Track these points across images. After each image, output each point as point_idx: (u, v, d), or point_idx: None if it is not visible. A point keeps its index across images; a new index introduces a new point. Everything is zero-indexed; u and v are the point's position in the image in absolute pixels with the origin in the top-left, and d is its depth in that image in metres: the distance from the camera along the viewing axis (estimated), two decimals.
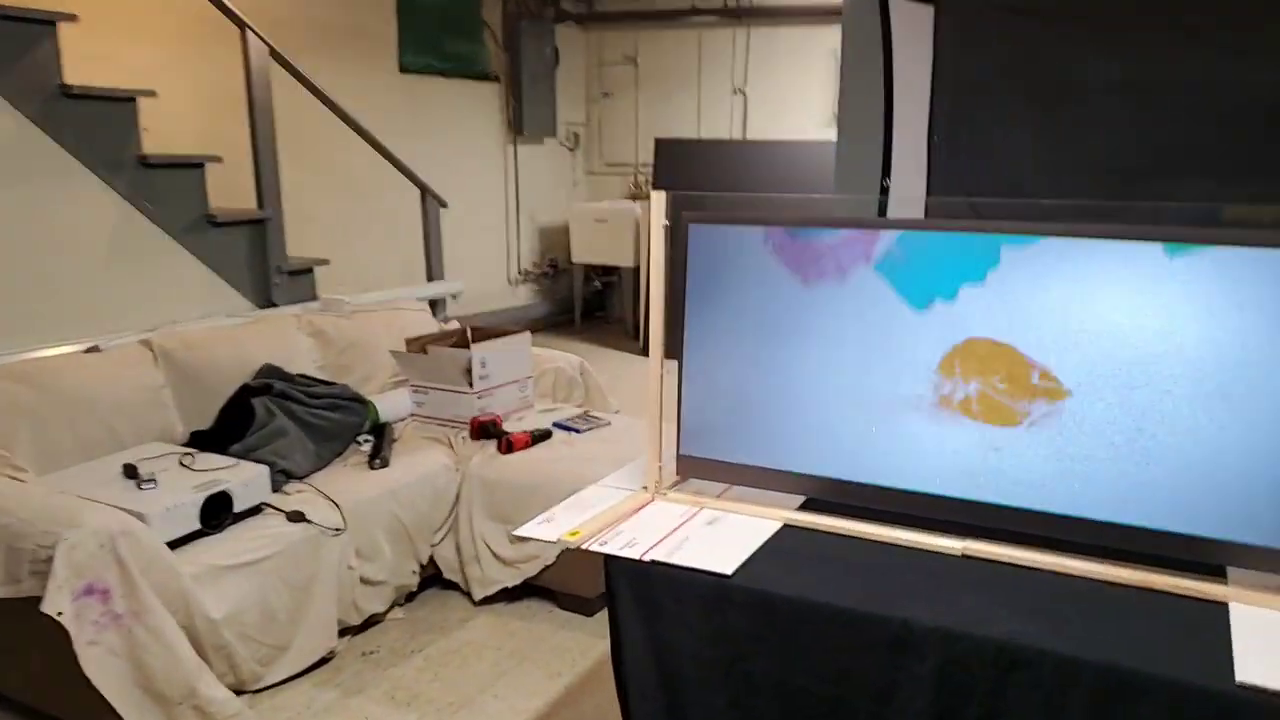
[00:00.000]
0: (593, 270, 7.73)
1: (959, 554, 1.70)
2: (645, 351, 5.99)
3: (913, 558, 1.70)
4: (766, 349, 1.86)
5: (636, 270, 7.11)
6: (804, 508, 1.88)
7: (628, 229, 7.04)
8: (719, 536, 1.76)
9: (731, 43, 7.12)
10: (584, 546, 1.73)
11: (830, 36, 6.57)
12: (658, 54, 7.52)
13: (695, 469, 1.96)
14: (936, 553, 1.71)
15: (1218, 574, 1.57)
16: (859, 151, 3.22)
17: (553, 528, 1.81)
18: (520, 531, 1.81)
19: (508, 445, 3.22)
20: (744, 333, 1.87)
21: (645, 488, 1.97)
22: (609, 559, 1.73)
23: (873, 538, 1.76)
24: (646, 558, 1.68)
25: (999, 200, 2.86)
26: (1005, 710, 1.42)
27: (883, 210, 3.13)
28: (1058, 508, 1.66)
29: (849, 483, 1.82)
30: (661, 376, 1.92)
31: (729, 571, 1.63)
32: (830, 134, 6.68)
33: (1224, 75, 2.64)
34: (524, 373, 3.64)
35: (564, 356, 4.10)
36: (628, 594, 1.70)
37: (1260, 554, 1.53)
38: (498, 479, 3.13)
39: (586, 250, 7.33)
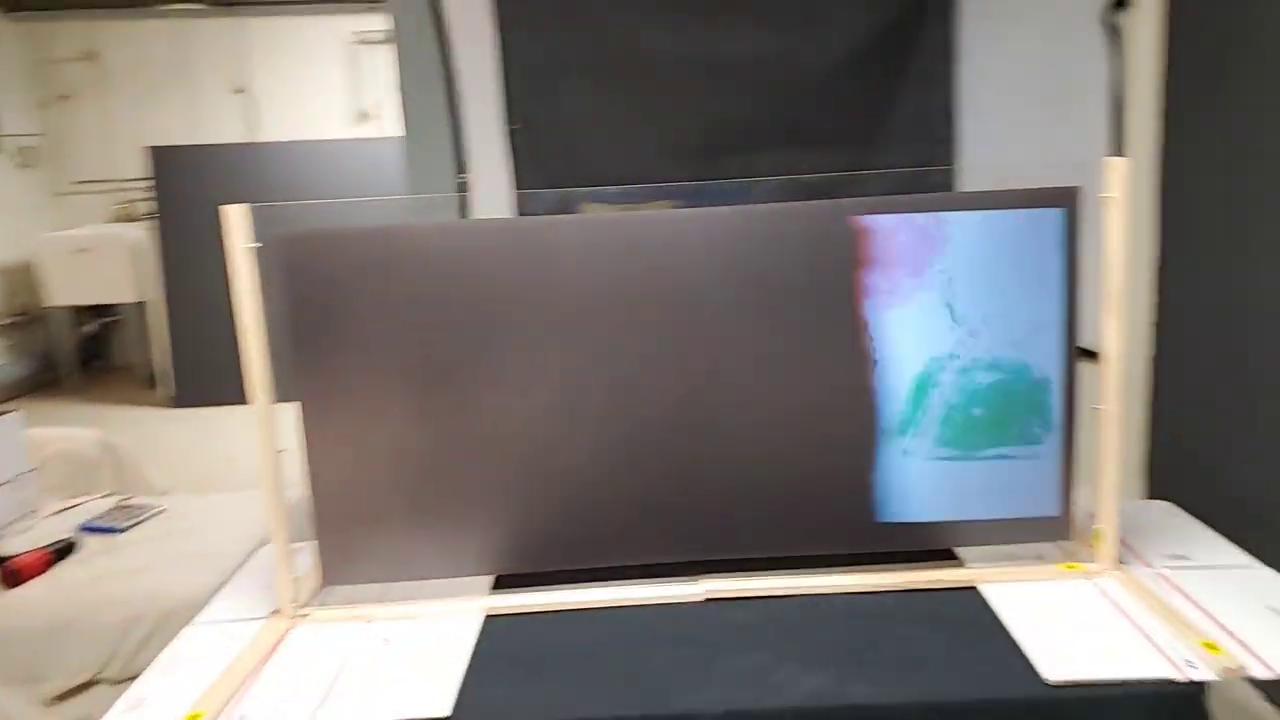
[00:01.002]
0: (83, 312, 6.30)
1: (701, 599, 1.42)
2: (174, 402, 4.90)
3: (655, 618, 1.38)
4: (422, 393, 1.40)
5: (143, 306, 5.90)
6: (500, 587, 1.47)
7: (121, 258, 5.80)
8: (408, 659, 1.28)
9: (226, 36, 6.18)
10: None
11: (344, 24, 6.00)
12: (128, 48, 6.29)
13: (344, 570, 1.44)
14: (672, 605, 1.41)
15: (949, 558, 1.48)
16: (429, 147, 2.83)
17: (149, 717, 1.18)
18: None
19: (13, 575, 2.29)
20: (391, 375, 1.39)
21: (278, 611, 1.40)
22: None
23: (601, 604, 1.41)
24: None
25: (598, 189, 2.66)
26: None
27: (465, 209, 2.79)
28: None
29: (552, 544, 1.45)
30: (275, 460, 1.37)
31: (447, 711, 1.17)
32: (361, 130, 6.15)
33: (782, 50, 2.70)
34: (18, 468, 2.66)
35: (75, 433, 3.12)
36: None
37: (976, 528, 1.46)
38: (9, 627, 2.21)
39: (68, 289, 5.91)
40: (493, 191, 2.79)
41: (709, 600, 1.42)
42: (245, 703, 1.20)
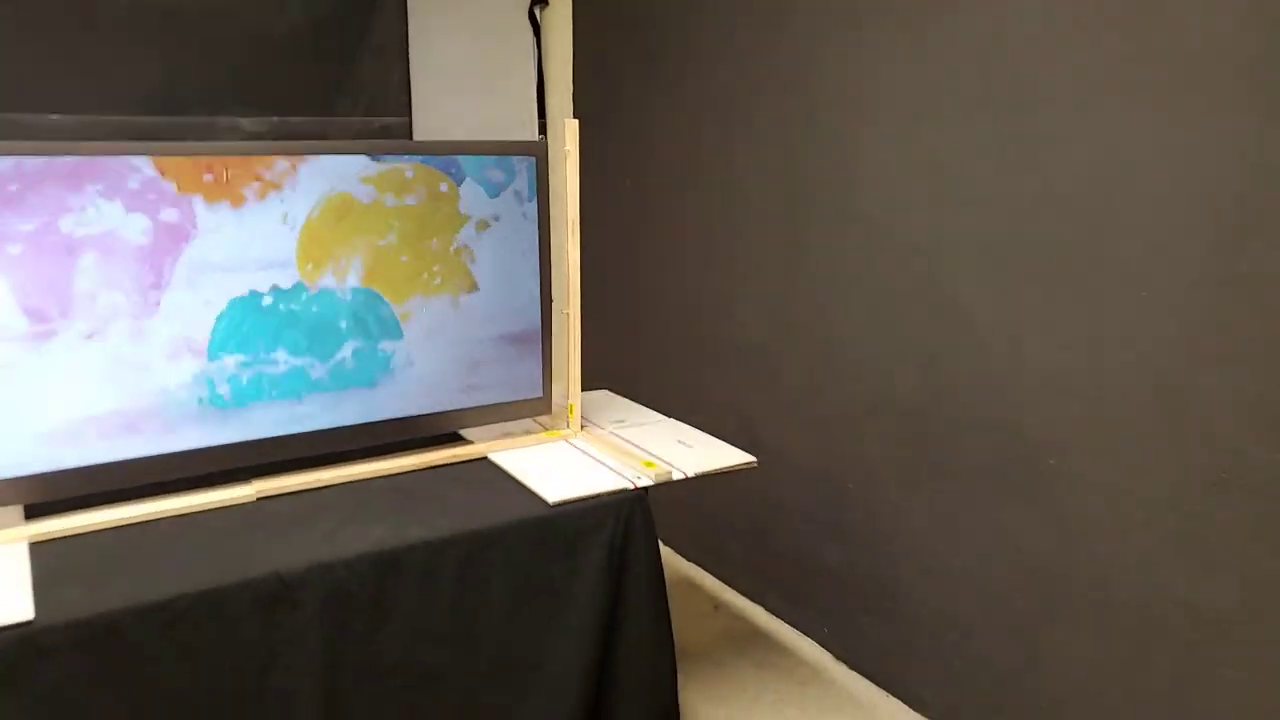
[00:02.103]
0: None
1: (254, 499, 1.58)
2: None
3: (215, 518, 1.51)
4: None
5: None
6: (34, 516, 1.45)
7: None
8: None
9: None
10: None
11: None
12: None
13: None
14: (233, 506, 1.55)
15: (457, 440, 1.84)
16: None
17: None
18: None
19: None
20: None
21: None
22: None
23: (153, 516, 1.49)
24: None
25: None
26: (388, 612, 1.44)
27: None
28: (326, 423, 1.67)
29: (93, 468, 1.47)
30: None
31: (29, 614, 1.18)
32: None
33: (233, 9, 2.75)
34: None
35: None
36: None
37: (482, 411, 1.84)
38: None
39: None
40: None
41: (261, 499, 1.58)
42: None
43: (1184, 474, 1.52)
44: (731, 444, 1.88)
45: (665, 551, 2.91)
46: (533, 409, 1.88)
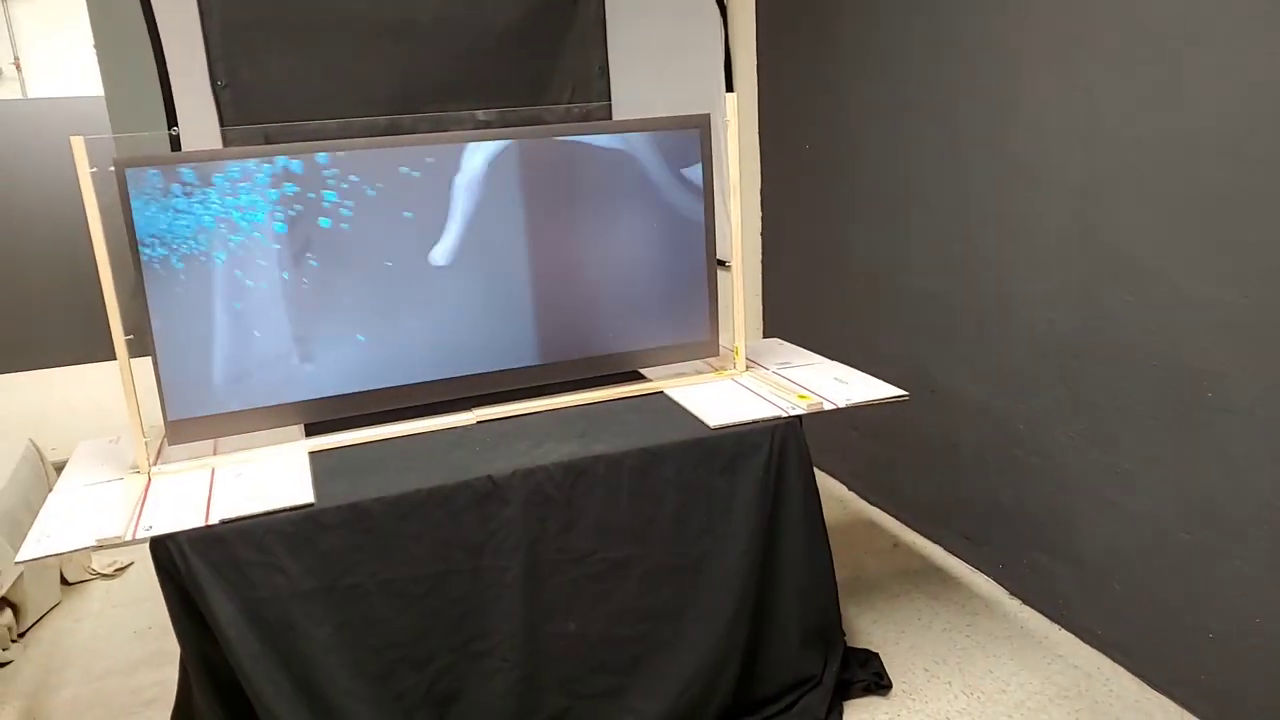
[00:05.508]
0: None
1: (474, 422, 1.93)
2: None
3: (443, 436, 1.87)
4: (236, 284, 1.77)
5: None
6: (310, 433, 1.87)
7: None
8: (262, 482, 1.67)
9: None
10: (136, 537, 1.47)
11: None
12: None
13: (188, 431, 1.77)
14: (455, 428, 1.91)
15: (638, 378, 2.12)
16: (131, 102, 2.99)
17: (71, 537, 1.48)
18: (28, 555, 1.43)
19: None
20: (216, 273, 1.74)
21: (136, 469, 1.71)
22: (155, 549, 1.51)
23: (397, 435, 1.87)
24: (215, 520, 1.52)
25: (289, 125, 2.98)
26: (578, 511, 1.74)
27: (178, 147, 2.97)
28: (526, 362, 2.01)
29: (351, 395, 1.88)
30: (125, 348, 1.67)
31: (311, 499, 1.59)
32: None
33: (463, 14, 3.16)
34: None
35: None
36: (204, 568, 1.51)
37: (659, 352, 2.11)
38: None
39: None
40: (203, 142, 3.00)
41: (479, 423, 1.94)
42: (144, 519, 1.53)
43: None
44: (908, 389, 2.02)
45: (847, 494, 3.08)
46: (701, 351, 2.14)
